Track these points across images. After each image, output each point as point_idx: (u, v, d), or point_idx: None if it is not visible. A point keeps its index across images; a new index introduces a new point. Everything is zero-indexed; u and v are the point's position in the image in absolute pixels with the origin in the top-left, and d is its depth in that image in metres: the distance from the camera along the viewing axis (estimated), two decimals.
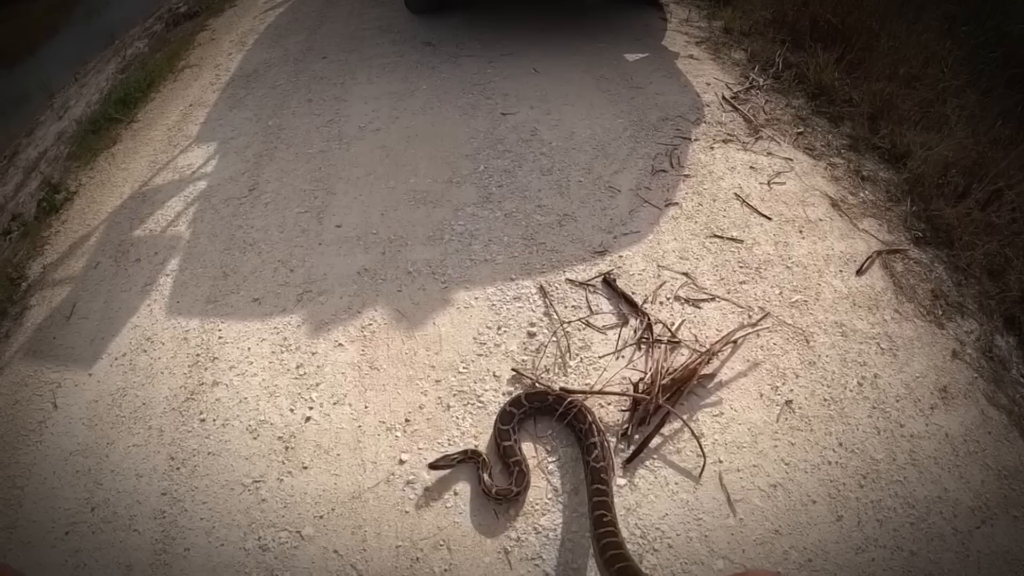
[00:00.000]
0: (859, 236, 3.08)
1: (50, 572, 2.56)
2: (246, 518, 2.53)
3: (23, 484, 2.84)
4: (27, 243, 4.09)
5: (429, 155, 3.72)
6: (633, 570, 1.79)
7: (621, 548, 1.99)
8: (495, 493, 2.33)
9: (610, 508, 2.18)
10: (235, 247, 3.50)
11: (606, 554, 1.94)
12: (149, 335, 3.20)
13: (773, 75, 3.83)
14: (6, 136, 5.70)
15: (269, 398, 2.84)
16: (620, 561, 1.84)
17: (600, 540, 2.04)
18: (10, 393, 3.20)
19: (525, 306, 2.94)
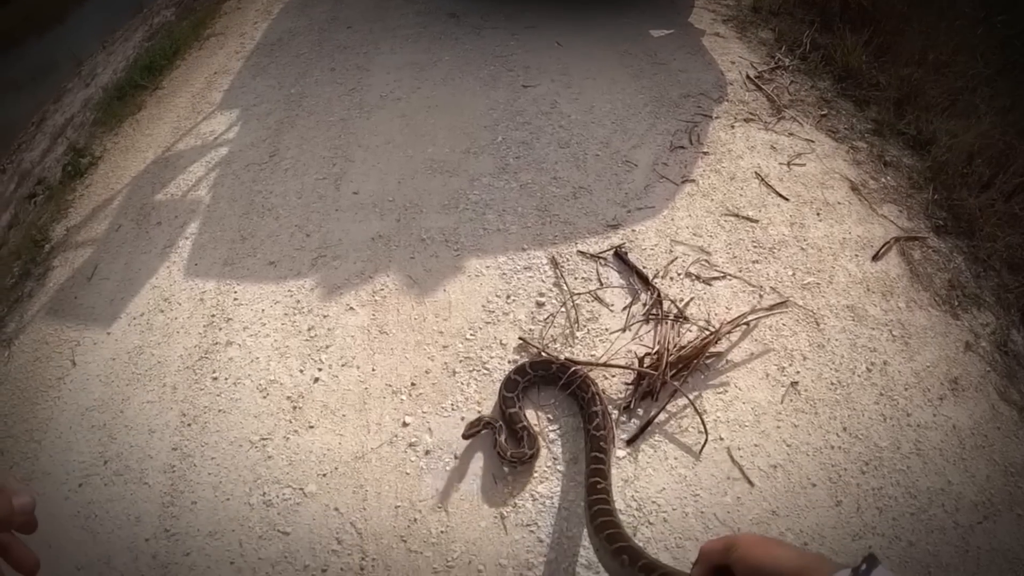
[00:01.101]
0: (878, 221, 3.03)
1: (63, 523, 2.62)
2: (252, 474, 2.57)
3: (40, 438, 2.91)
4: (51, 206, 4.16)
5: (448, 125, 3.71)
6: (622, 537, 1.79)
7: (612, 516, 1.97)
8: (509, 456, 2.34)
9: (606, 476, 2.17)
10: (253, 211, 3.53)
11: (596, 520, 1.94)
12: (167, 296, 3.26)
13: (800, 56, 3.75)
14: (35, 103, 5.75)
15: (280, 359, 2.87)
16: (609, 528, 1.84)
17: (592, 507, 2.04)
18: (31, 350, 3.26)
19: (535, 276, 2.93)
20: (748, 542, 0.81)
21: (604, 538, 1.75)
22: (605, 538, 1.74)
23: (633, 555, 1.46)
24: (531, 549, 2.24)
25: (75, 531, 2.61)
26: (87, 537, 2.58)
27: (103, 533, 2.58)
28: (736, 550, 0.81)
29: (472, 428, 2.37)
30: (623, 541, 1.69)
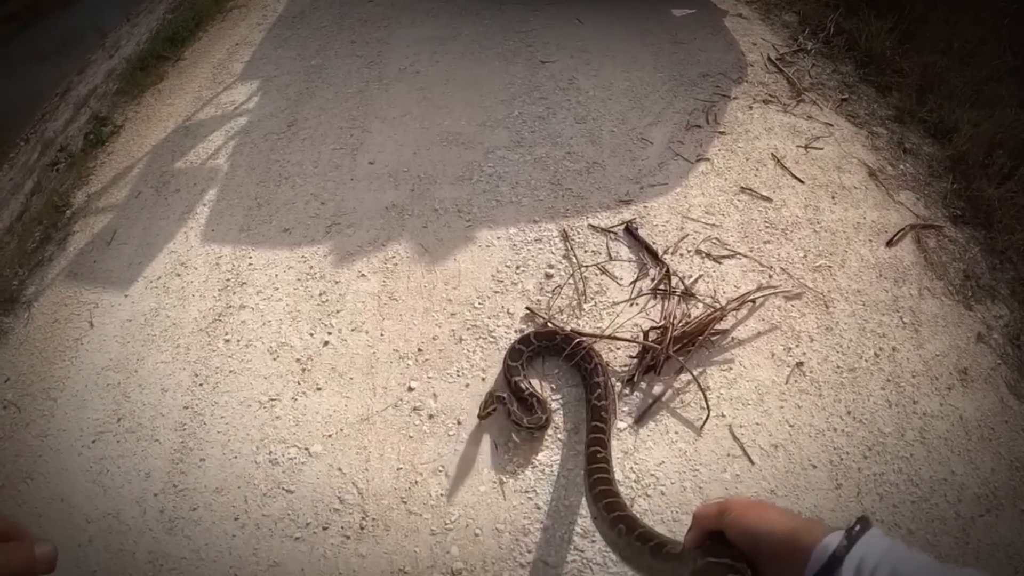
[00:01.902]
0: (894, 208, 2.99)
1: (76, 477, 2.69)
2: (260, 433, 2.61)
3: (56, 396, 2.97)
4: (73, 174, 4.22)
5: (465, 98, 3.70)
6: (619, 506, 1.79)
7: (611, 485, 1.98)
8: (527, 424, 2.35)
9: (605, 446, 2.18)
10: (270, 180, 3.57)
11: (595, 489, 1.95)
12: (183, 260, 3.31)
13: (823, 40, 3.69)
14: (59, 74, 5.79)
15: (291, 322, 2.91)
16: (608, 497, 1.85)
17: (591, 476, 2.05)
18: (50, 312, 3.33)
19: (545, 248, 2.93)
20: (741, 506, 0.82)
21: (602, 507, 1.75)
22: (603, 507, 1.75)
23: (630, 524, 1.46)
24: (528, 515, 2.26)
25: (87, 485, 2.67)
26: (98, 491, 2.64)
27: (113, 488, 2.64)
28: (729, 514, 0.82)
29: (487, 408, 2.36)
30: (620, 510, 1.69)
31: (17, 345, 3.28)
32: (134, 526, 2.53)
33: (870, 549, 0.66)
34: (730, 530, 0.81)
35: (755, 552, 0.78)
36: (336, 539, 2.33)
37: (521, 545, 2.20)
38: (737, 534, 0.80)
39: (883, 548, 0.67)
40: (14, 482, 2.76)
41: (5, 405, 3.03)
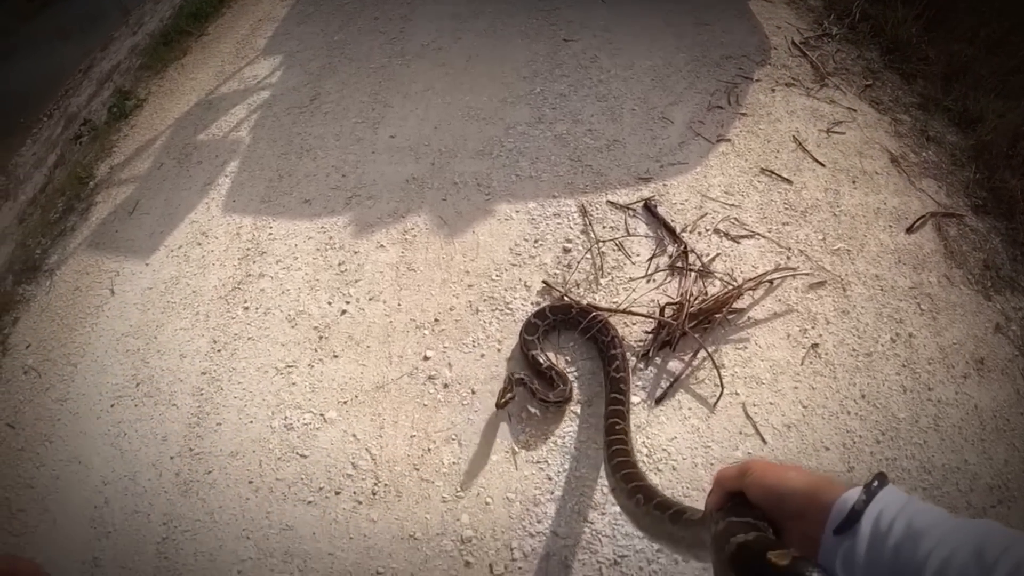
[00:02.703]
0: (915, 195, 2.95)
1: (94, 440, 2.73)
2: (276, 399, 2.64)
3: (76, 362, 3.02)
4: (96, 146, 4.26)
5: (487, 75, 3.69)
6: (638, 477, 1.80)
7: (629, 456, 2.00)
8: (553, 398, 2.35)
9: (624, 418, 2.19)
10: (292, 152, 3.59)
11: (613, 460, 1.96)
12: (205, 230, 3.34)
13: (848, 25, 3.62)
14: (82, 52, 5.81)
15: (310, 291, 2.93)
16: (626, 468, 1.86)
17: (610, 447, 2.06)
18: (72, 280, 3.38)
19: (564, 223, 2.92)
20: (761, 466, 0.83)
21: (620, 478, 1.76)
22: (621, 478, 1.76)
23: (648, 494, 1.47)
24: (539, 486, 2.26)
25: (104, 448, 2.71)
26: (115, 454, 2.68)
27: (130, 451, 2.68)
28: (750, 474, 0.83)
29: (504, 395, 2.33)
30: (639, 481, 1.70)
31: (39, 312, 3.32)
32: (150, 488, 2.57)
33: (888, 503, 0.68)
34: (751, 490, 0.82)
35: (776, 510, 0.79)
36: (348, 504, 2.35)
37: (531, 515, 2.21)
38: (758, 493, 0.81)
39: (900, 502, 0.68)
40: (33, 445, 2.81)
41: (26, 370, 3.07)
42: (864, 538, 0.66)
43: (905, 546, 0.63)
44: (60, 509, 2.61)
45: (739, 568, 0.74)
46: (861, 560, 0.66)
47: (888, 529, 0.65)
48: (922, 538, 0.62)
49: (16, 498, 2.68)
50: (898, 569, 0.62)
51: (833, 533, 0.69)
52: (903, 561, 0.62)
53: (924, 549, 0.61)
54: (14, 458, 2.80)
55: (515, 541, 2.17)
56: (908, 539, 0.63)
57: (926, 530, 0.62)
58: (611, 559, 2.10)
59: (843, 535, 0.68)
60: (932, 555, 0.60)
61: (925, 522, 0.63)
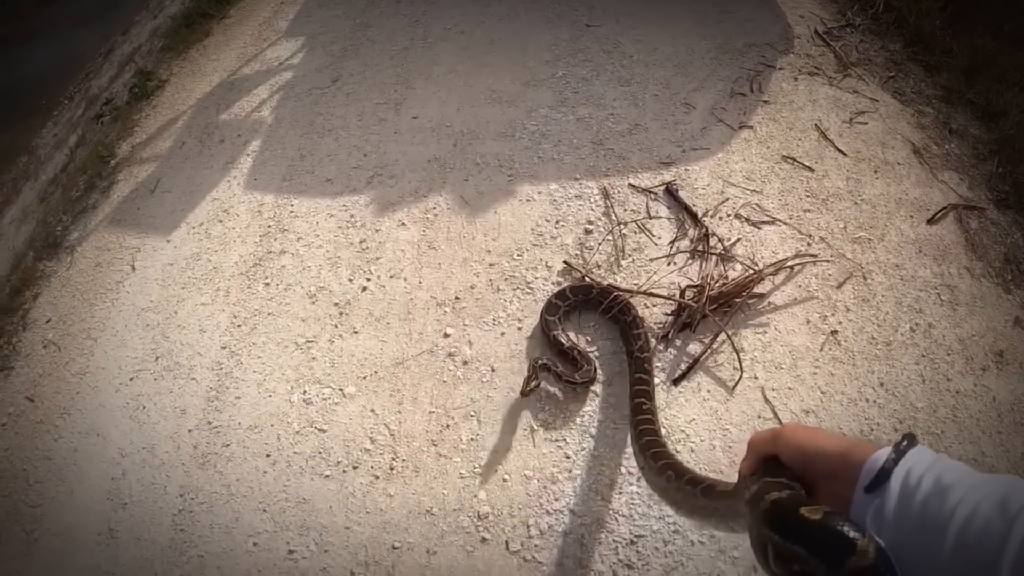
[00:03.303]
0: (937, 187, 2.91)
1: (112, 413, 2.73)
2: (295, 374, 2.63)
3: (96, 336, 3.02)
4: (118, 126, 4.26)
5: (509, 59, 3.67)
6: (667, 455, 1.79)
7: (657, 435, 1.99)
8: (580, 379, 2.32)
9: (651, 397, 2.18)
10: (314, 132, 3.58)
11: (641, 440, 1.95)
12: (226, 207, 3.34)
13: (872, 16, 3.58)
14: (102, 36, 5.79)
15: (331, 268, 2.92)
16: (655, 447, 1.85)
17: (637, 427, 2.05)
18: (93, 256, 3.38)
19: (585, 205, 2.91)
20: (792, 429, 0.84)
21: (649, 456, 1.75)
22: (650, 456, 1.74)
23: (679, 470, 1.46)
24: (557, 464, 2.25)
25: (123, 421, 2.71)
26: (134, 427, 2.68)
27: (149, 424, 2.67)
28: (782, 437, 0.84)
29: (529, 383, 2.30)
30: (668, 459, 1.69)
31: (59, 288, 3.33)
32: (167, 460, 2.56)
33: (916, 461, 0.69)
34: (784, 452, 0.83)
35: (808, 471, 0.80)
36: (366, 479, 2.34)
37: (549, 493, 2.20)
38: (791, 455, 0.82)
39: (929, 460, 0.69)
40: (52, 418, 2.81)
41: (46, 344, 3.08)
42: (893, 495, 0.67)
43: (933, 501, 0.64)
44: (77, 481, 2.61)
45: (773, 523, 0.75)
46: (891, 516, 0.67)
47: (916, 485, 0.66)
48: (949, 492, 0.63)
49: (33, 470, 2.69)
50: (926, 523, 0.63)
51: (864, 491, 0.70)
52: (931, 515, 0.63)
53: (951, 503, 0.62)
54: (32, 431, 2.80)
55: (532, 518, 2.16)
56: (935, 494, 0.64)
57: (953, 485, 0.64)
58: (628, 539, 2.08)
59: (873, 493, 0.69)
60: (958, 508, 0.61)
61: (952, 478, 0.65)
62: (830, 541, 0.68)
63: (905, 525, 0.65)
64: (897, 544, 0.65)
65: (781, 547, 0.72)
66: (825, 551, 0.67)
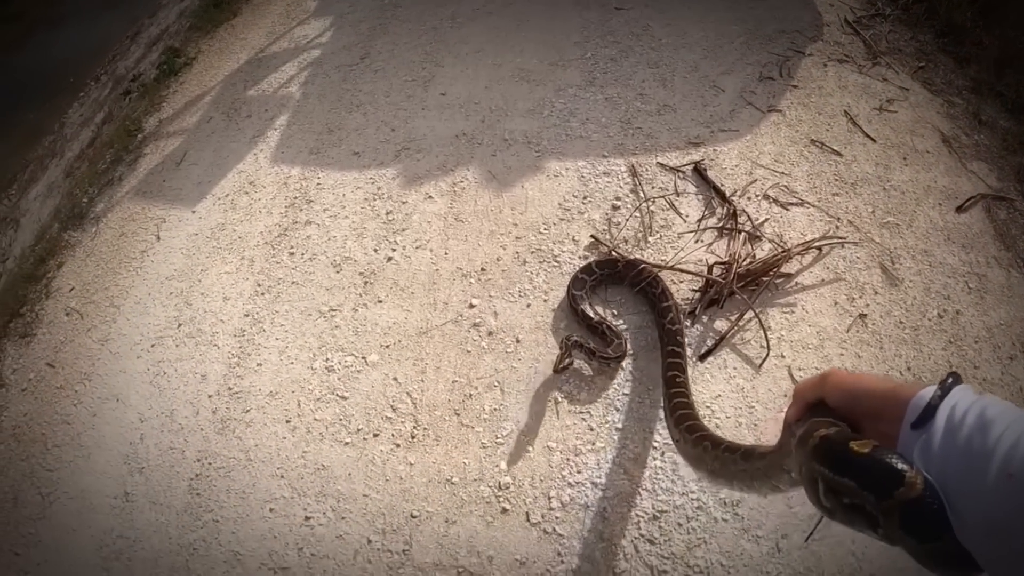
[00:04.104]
0: (966, 176, 2.85)
1: (133, 378, 2.72)
2: (318, 341, 2.61)
3: (120, 304, 3.01)
4: (145, 102, 4.27)
5: (538, 39, 3.63)
6: (701, 427, 1.75)
7: (691, 408, 1.96)
8: (613, 353, 2.28)
9: (683, 370, 2.14)
10: (342, 107, 3.56)
11: (675, 413, 1.91)
12: (252, 179, 3.33)
13: (902, 6, 3.51)
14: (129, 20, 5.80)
15: (356, 238, 2.90)
16: (689, 420, 1.81)
17: (672, 399, 2.01)
18: (118, 227, 3.38)
19: (613, 181, 2.86)
20: (839, 372, 0.84)
21: (684, 429, 1.72)
22: (685, 429, 1.72)
23: (715, 440, 1.44)
24: (581, 436, 2.21)
25: (143, 386, 2.70)
26: (154, 392, 2.67)
27: (169, 389, 2.66)
28: (829, 381, 0.84)
29: (562, 360, 2.24)
30: (703, 430, 1.66)
31: (83, 257, 3.32)
32: (186, 425, 2.55)
33: (961, 398, 0.70)
34: (830, 394, 0.83)
35: (855, 412, 0.81)
36: (386, 446, 2.31)
37: (571, 465, 2.16)
38: (838, 396, 0.83)
39: (973, 396, 0.70)
40: (72, 383, 2.80)
41: (68, 312, 3.07)
42: (939, 430, 0.68)
43: (976, 434, 0.65)
44: (95, 445, 2.60)
45: (823, 457, 0.76)
46: (936, 450, 0.68)
47: (961, 420, 0.67)
48: (992, 426, 0.64)
49: (52, 434, 2.67)
50: (970, 455, 0.64)
51: (910, 428, 0.72)
52: (975, 448, 0.64)
53: (994, 435, 0.63)
54: (52, 396, 2.79)
55: (553, 490, 2.13)
56: (979, 428, 0.65)
57: (996, 419, 0.65)
58: (650, 513, 2.04)
59: (920, 429, 0.71)
60: (1001, 439, 0.62)
61: (995, 412, 0.65)
62: (879, 473, 0.69)
63: (950, 458, 0.66)
64: (943, 477, 0.66)
65: (831, 480, 0.74)
66: (874, 482, 0.69)
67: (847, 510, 0.73)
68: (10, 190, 4.33)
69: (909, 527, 0.66)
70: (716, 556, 1.96)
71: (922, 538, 0.66)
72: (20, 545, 2.40)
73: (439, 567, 2.06)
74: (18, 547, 2.40)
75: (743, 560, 1.94)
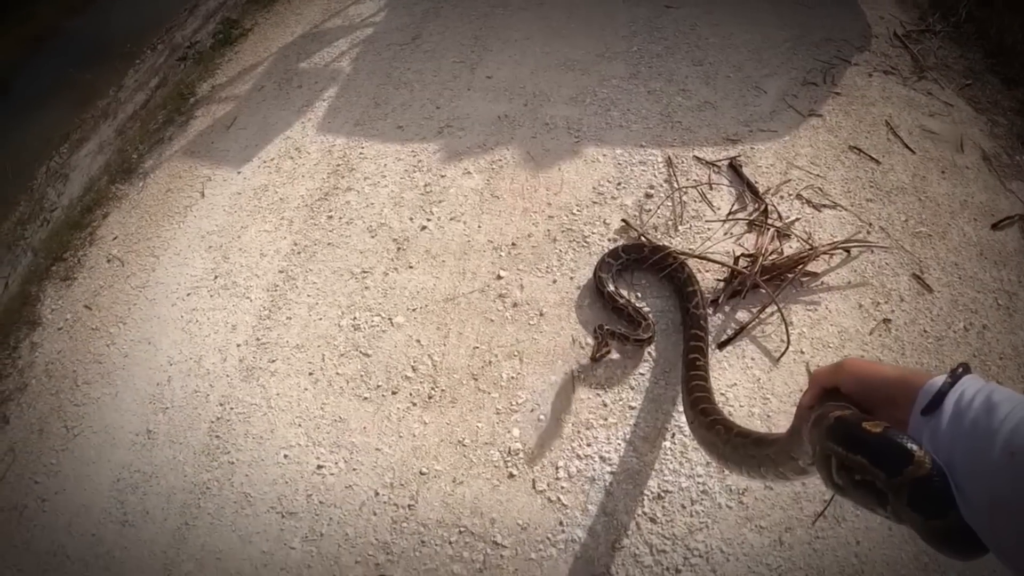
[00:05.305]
0: (1004, 195, 2.80)
1: (166, 324, 2.79)
2: (347, 300, 2.66)
3: (160, 254, 3.09)
4: (200, 68, 4.36)
5: (586, 31, 3.65)
6: (717, 411, 1.76)
7: (709, 393, 1.96)
8: (644, 335, 2.28)
9: (704, 353, 2.14)
10: (390, 83, 3.62)
11: (692, 395, 1.92)
12: (298, 146, 3.40)
13: (953, 24, 3.47)
14: None
15: (393, 207, 2.95)
16: (705, 403, 1.82)
17: (690, 381, 2.02)
18: (165, 183, 3.47)
19: (648, 170, 2.87)
20: (854, 360, 0.88)
21: (699, 411, 1.74)
22: (700, 412, 1.73)
23: (728, 425, 1.46)
24: (594, 411, 2.22)
25: (175, 332, 2.76)
26: (185, 338, 2.73)
27: (200, 336, 2.72)
28: (844, 368, 0.87)
29: (600, 349, 2.23)
30: (718, 414, 1.68)
31: (129, 209, 3.41)
32: (212, 371, 2.61)
33: (969, 385, 0.72)
34: (845, 382, 0.86)
35: (869, 399, 0.83)
36: (403, 404, 2.34)
37: (582, 437, 2.17)
38: (852, 384, 0.85)
39: (981, 383, 0.72)
40: (107, 325, 2.88)
41: (109, 259, 3.15)
42: (947, 414, 0.70)
43: (982, 416, 0.67)
44: (124, 384, 2.67)
45: (837, 436, 0.79)
46: (943, 433, 0.70)
47: (968, 405, 0.69)
48: (997, 408, 0.66)
49: (83, 372, 2.75)
50: (976, 436, 0.67)
51: (920, 413, 0.74)
52: (980, 429, 0.66)
53: (998, 417, 0.65)
54: (87, 336, 2.87)
55: (562, 460, 2.14)
56: (985, 411, 0.67)
57: (1001, 402, 0.67)
58: (655, 492, 2.04)
59: (930, 415, 0.73)
60: (1006, 420, 0.64)
61: (1001, 396, 0.68)
62: (890, 451, 0.72)
63: (957, 440, 0.68)
64: (950, 457, 0.69)
65: (844, 458, 0.77)
66: (885, 460, 0.72)
67: (858, 487, 0.75)
68: (62, 148, 4.46)
69: (916, 504, 0.69)
70: (716, 542, 1.95)
71: (928, 515, 0.69)
72: (41, 474, 2.47)
73: (441, 524, 2.08)
74: (38, 475, 2.47)
75: (743, 549, 1.93)
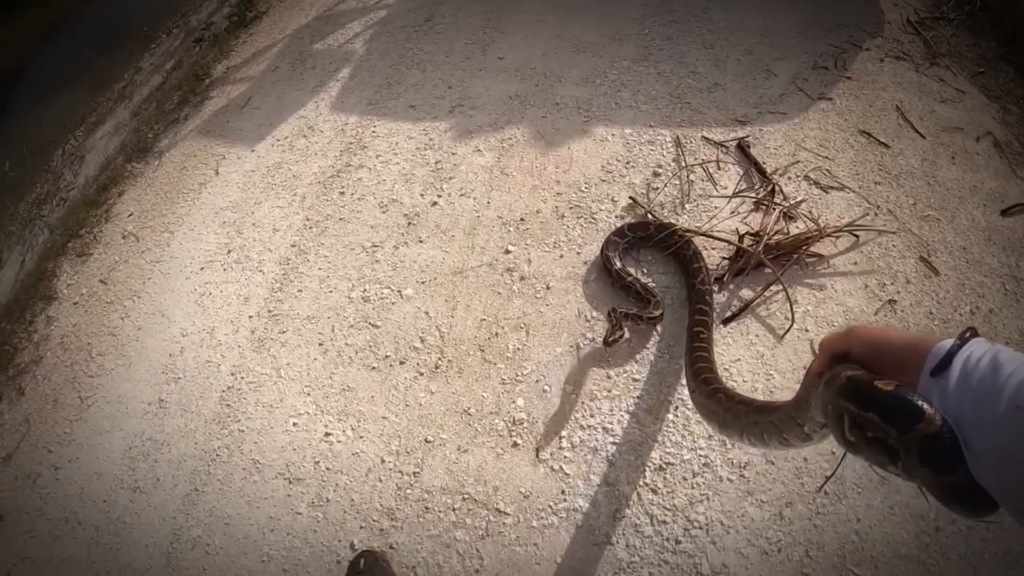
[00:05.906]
0: (1015, 182, 2.78)
1: (180, 297, 2.84)
2: (358, 273, 2.69)
3: (174, 230, 3.13)
4: (215, 50, 4.40)
5: (598, 14, 3.66)
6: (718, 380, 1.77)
7: (711, 363, 1.98)
8: (654, 313, 2.29)
9: (708, 327, 2.16)
10: (403, 64, 3.64)
11: (695, 365, 1.94)
12: (311, 124, 3.43)
13: (967, 12, 3.45)
14: None
15: (405, 183, 2.98)
16: (706, 373, 1.83)
17: (693, 352, 2.04)
18: (180, 160, 3.51)
19: (656, 150, 2.89)
20: (863, 326, 0.89)
21: (701, 381, 1.75)
22: (702, 381, 1.75)
23: (729, 393, 1.47)
24: (598, 383, 2.24)
25: (188, 304, 2.81)
26: (197, 310, 2.78)
27: (212, 308, 2.77)
28: (854, 333, 0.88)
29: (614, 333, 2.22)
30: (719, 383, 1.70)
31: (144, 187, 3.46)
32: (224, 342, 2.65)
33: (977, 347, 0.74)
34: (855, 346, 0.87)
35: (878, 363, 0.83)
36: (410, 374, 2.38)
37: (586, 408, 2.19)
38: (861, 348, 0.86)
39: (988, 345, 0.74)
40: (121, 299, 2.93)
41: (124, 235, 3.20)
42: (955, 374, 0.72)
43: (989, 375, 0.69)
44: (137, 355, 2.72)
45: (849, 394, 0.80)
46: (951, 391, 0.71)
47: (975, 365, 0.71)
48: (1004, 367, 0.68)
49: (98, 344, 2.80)
50: (982, 392, 0.68)
51: (929, 375, 0.75)
52: (987, 386, 0.68)
53: (1004, 374, 0.67)
54: (102, 310, 2.92)
55: (565, 431, 2.16)
56: (991, 369, 0.69)
57: (1007, 361, 0.69)
58: (657, 464, 2.06)
59: (939, 376, 0.74)
60: (1011, 377, 0.66)
61: (1007, 356, 0.69)
62: (901, 408, 0.73)
63: (965, 398, 0.70)
64: (958, 413, 0.70)
65: (856, 415, 0.78)
66: (896, 417, 0.73)
67: (870, 444, 0.77)
68: (78, 131, 4.51)
69: (927, 460, 0.70)
70: (717, 514, 1.97)
71: (939, 470, 0.70)
72: (54, 443, 2.53)
73: (445, 491, 2.11)
74: (52, 445, 2.53)
75: (744, 522, 1.95)
